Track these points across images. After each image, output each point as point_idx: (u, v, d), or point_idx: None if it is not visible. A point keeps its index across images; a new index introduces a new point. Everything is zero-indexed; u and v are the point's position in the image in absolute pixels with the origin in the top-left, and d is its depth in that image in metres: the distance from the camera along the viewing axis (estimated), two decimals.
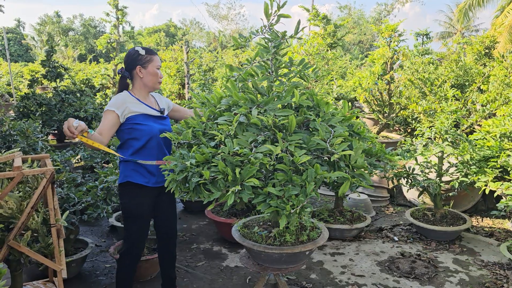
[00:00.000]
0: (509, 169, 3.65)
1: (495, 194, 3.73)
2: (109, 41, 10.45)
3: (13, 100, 11.27)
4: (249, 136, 2.06)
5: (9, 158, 2.35)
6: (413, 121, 7.21)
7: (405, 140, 4.45)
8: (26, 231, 2.32)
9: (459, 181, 3.98)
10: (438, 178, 4.16)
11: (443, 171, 4.18)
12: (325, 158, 2.09)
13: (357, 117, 5.69)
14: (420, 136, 4.44)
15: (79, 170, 4.64)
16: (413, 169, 4.21)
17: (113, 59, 10.54)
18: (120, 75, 2.64)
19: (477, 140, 4.17)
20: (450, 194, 4.28)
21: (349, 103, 2.55)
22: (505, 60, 5.99)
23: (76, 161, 5.73)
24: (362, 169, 2.07)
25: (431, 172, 4.26)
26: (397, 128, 8.17)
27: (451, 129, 4.18)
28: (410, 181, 4.20)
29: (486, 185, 3.75)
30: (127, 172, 2.55)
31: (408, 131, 7.88)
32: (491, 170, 3.73)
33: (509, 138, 4.03)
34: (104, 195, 3.32)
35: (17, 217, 2.25)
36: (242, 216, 3.92)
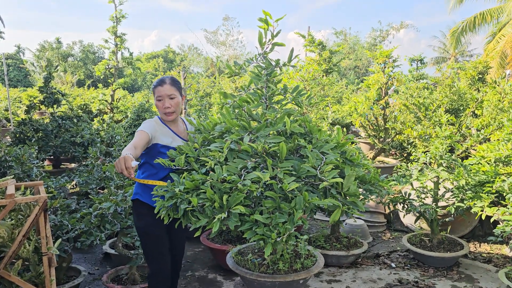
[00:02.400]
0: (504, 194, 3.65)
1: (492, 219, 3.72)
2: (107, 67, 10.54)
3: (10, 125, 11.27)
4: (239, 162, 2.06)
5: (1, 185, 2.34)
6: (409, 146, 7.24)
7: (400, 165, 4.46)
8: (17, 259, 2.29)
9: (455, 206, 3.97)
10: (434, 203, 4.14)
11: (439, 196, 4.17)
12: (317, 184, 2.09)
13: (353, 143, 5.71)
14: (415, 161, 4.44)
15: (74, 196, 4.61)
16: (409, 194, 4.20)
17: (111, 84, 10.60)
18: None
19: (472, 165, 4.18)
20: (447, 219, 4.27)
21: (345, 128, 2.57)
22: (498, 85, 6.08)
23: (72, 187, 5.70)
24: (354, 197, 2.07)
25: (427, 197, 4.25)
26: (393, 153, 8.19)
27: (445, 154, 4.19)
28: (406, 206, 4.18)
29: (482, 211, 3.74)
30: (138, 190, 2.63)
31: (404, 155, 7.90)
32: (487, 195, 3.73)
33: (504, 163, 4.04)
34: (98, 222, 3.29)
35: (8, 245, 2.22)
36: (237, 242, 3.88)
